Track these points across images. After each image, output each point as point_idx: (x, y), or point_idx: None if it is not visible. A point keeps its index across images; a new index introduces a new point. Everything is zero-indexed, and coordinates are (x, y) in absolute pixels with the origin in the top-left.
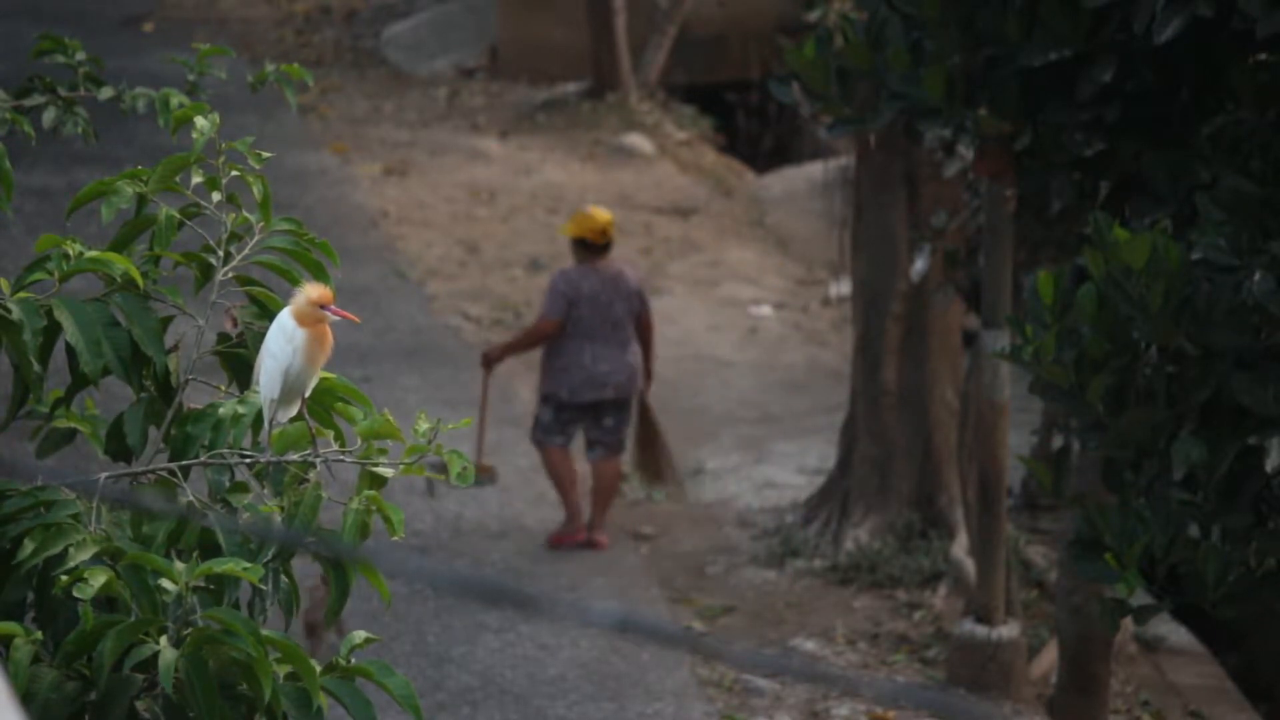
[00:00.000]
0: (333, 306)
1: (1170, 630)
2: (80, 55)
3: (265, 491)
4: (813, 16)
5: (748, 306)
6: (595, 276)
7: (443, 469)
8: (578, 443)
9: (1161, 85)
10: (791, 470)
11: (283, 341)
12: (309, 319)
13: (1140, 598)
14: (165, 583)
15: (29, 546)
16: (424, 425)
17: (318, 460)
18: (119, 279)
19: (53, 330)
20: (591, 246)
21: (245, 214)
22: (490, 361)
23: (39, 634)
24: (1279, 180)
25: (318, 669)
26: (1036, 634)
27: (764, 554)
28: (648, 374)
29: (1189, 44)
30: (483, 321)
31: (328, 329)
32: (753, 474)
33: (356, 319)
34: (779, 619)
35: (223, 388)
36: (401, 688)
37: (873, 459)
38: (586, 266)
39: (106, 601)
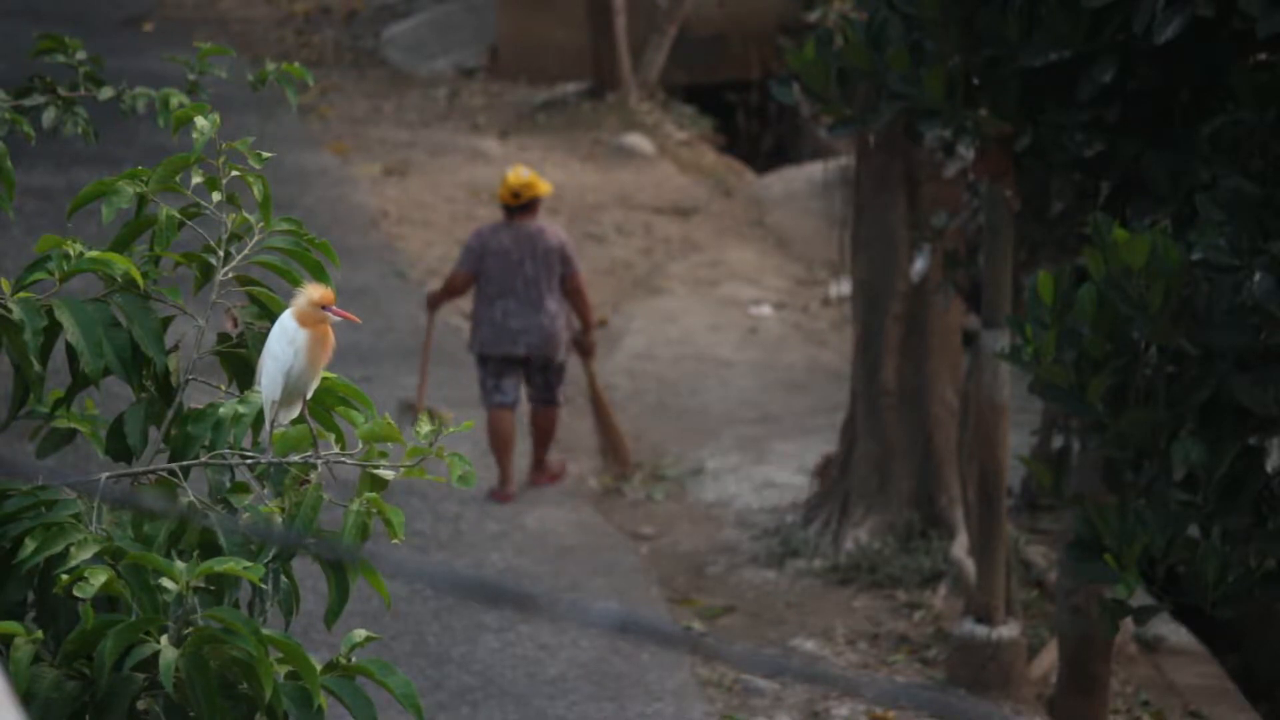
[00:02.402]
0: (334, 307)
1: (1170, 630)
2: (80, 55)
3: (266, 492)
4: (813, 16)
5: (748, 306)
6: (508, 233)
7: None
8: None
9: (1161, 85)
10: (791, 470)
11: (284, 343)
12: (310, 320)
13: (1140, 598)
14: (166, 582)
15: (30, 546)
16: (425, 427)
17: (319, 461)
18: (119, 279)
19: (53, 330)
20: (507, 208)
21: (245, 214)
22: (431, 305)
23: (40, 633)
24: (1279, 180)
25: (318, 667)
26: (1036, 634)
27: (764, 554)
28: (586, 344)
29: (1189, 44)
30: None
31: (329, 330)
32: (753, 474)
33: (357, 319)
34: (779, 619)
35: (223, 388)
36: (403, 687)
37: (873, 459)
38: (501, 224)
39: (107, 601)
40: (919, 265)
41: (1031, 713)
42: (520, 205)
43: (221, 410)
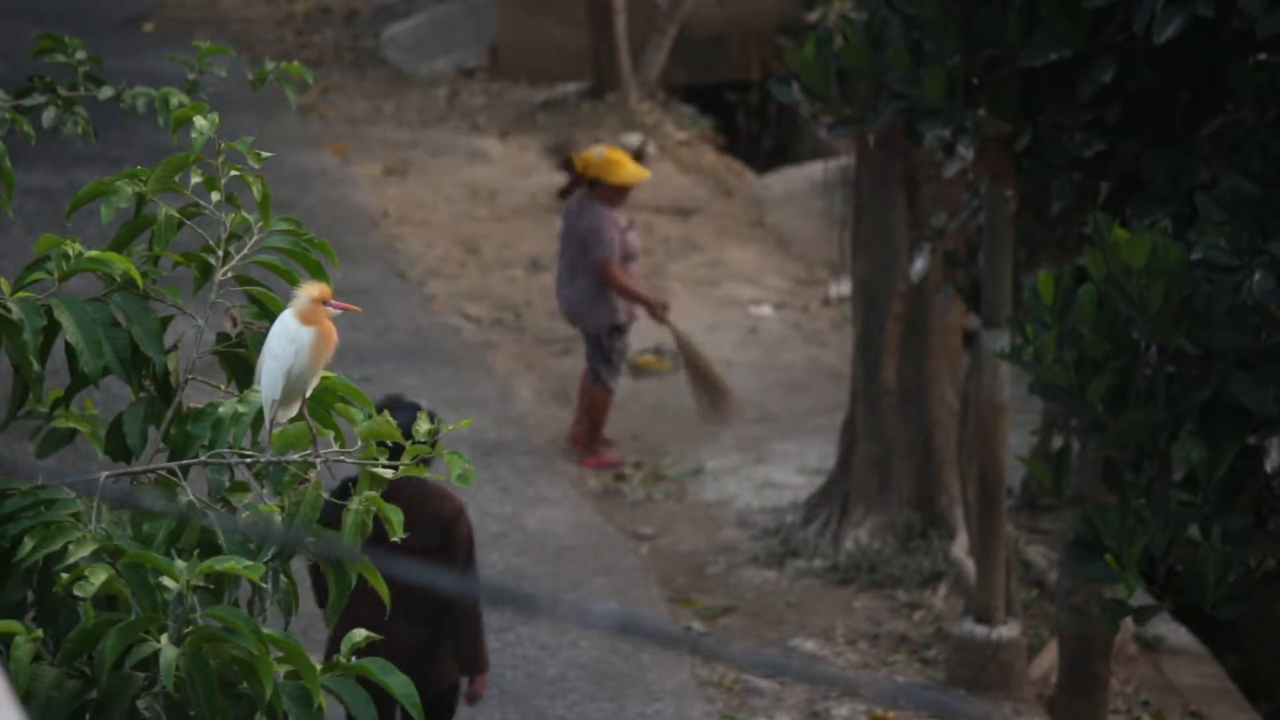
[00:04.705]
0: (333, 301)
1: (1170, 630)
2: (80, 55)
3: (265, 491)
4: (813, 16)
5: (748, 306)
6: (572, 206)
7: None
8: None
9: (1161, 85)
10: (791, 470)
11: (285, 341)
12: (313, 317)
13: (1140, 598)
14: (166, 581)
15: (29, 545)
16: (424, 426)
17: (318, 460)
18: (119, 279)
19: (53, 330)
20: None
21: (244, 214)
22: None
23: (39, 632)
24: (1279, 180)
25: (318, 666)
26: (1036, 634)
27: (764, 554)
28: (651, 311)
29: (1189, 44)
30: (483, 321)
31: (331, 326)
32: (753, 474)
33: (357, 309)
34: (779, 619)
35: (222, 387)
36: (403, 686)
37: (873, 459)
38: (578, 196)
39: (107, 600)
40: (919, 265)
41: (1031, 713)
42: (589, 182)
43: (221, 410)
